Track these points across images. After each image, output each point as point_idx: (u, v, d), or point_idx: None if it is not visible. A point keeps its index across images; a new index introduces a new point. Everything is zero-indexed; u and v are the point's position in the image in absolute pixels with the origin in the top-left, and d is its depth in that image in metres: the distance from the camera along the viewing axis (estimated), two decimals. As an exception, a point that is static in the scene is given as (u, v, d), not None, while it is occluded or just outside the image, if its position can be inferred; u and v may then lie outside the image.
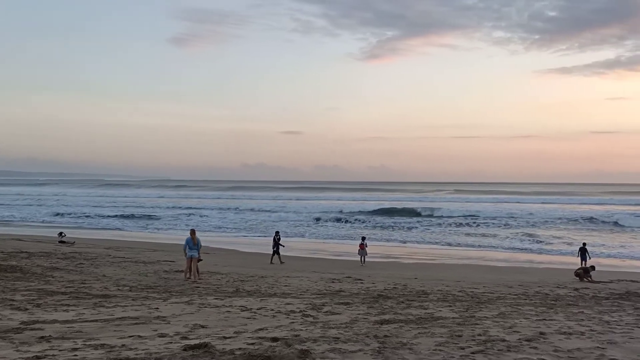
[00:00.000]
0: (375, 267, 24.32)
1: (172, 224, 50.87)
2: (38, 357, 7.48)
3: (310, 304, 13.12)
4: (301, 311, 11.96)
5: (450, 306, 13.20)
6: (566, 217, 51.94)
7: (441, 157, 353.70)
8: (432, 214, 58.04)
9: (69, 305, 11.97)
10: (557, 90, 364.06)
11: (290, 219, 54.24)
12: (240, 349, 8.05)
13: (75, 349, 7.97)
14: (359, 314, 11.83)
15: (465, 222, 50.16)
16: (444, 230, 45.06)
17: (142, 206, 70.30)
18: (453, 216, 54.63)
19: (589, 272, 20.49)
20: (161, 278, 18.58)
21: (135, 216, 57.73)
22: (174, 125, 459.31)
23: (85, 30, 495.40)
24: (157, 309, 11.88)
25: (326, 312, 11.99)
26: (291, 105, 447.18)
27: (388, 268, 24.43)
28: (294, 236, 40.21)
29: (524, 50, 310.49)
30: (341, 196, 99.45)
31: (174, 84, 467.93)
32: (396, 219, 53.59)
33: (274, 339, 8.73)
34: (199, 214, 59.53)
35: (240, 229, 47.30)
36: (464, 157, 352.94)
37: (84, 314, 11.03)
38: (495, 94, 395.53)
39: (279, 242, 25.71)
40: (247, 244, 35.61)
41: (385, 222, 50.40)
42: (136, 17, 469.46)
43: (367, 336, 9.22)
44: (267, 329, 9.79)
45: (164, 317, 10.91)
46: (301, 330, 9.72)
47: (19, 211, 61.96)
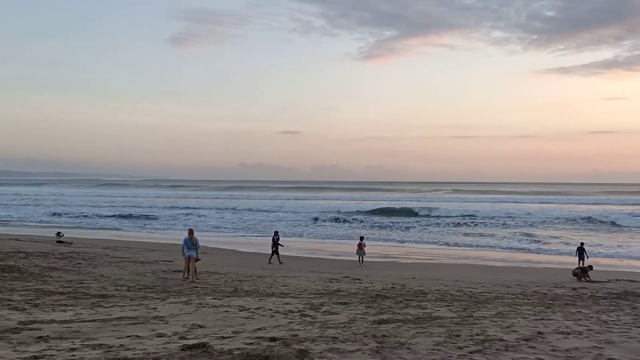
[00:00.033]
0: (373, 267, 24.33)
1: (170, 224, 50.84)
2: (36, 357, 7.48)
3: (309, 303, 13.13)
4: (299, 311, 11.97)
5: (449, 306, 13.22)
6: (564, 217, 52.04)
7: (439, 157, 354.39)
8: (430, 213, 58.12)
9: (66, 305, 11.96)
10: (555, 90, 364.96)
11: (288, 218, 54.24)
12: (238, 348, 8.05)
13: (73, 349, 7.97)
14: (357, 313, 11.84)
15: (464, 221, 50.23)
16: (442, 230, 45.10)
17: (140, 206, 70.23)
18: (451, 216, 54.71)
19: (587, 272, 20.52)
20: (159, 278, 18.56)
21: (133, 216, 57.68)
22: (173, 125, 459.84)
23: (85, 30, 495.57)
24: (155, 308, 11.88)
25: (324, 311, 12.00)
26: (290, 105, 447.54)
27: (386, 268, 24.44)
28: (292, 236, 40.19)
29: (522, 50, 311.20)
30: (339, 196, 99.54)
31: (173, 83, 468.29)
32: (394, 218, 53.62)
33: (272, 339, 8.73)
34: (197, 213, 59.52)
35: (238, 228, 47.29)
36: (462, 157, 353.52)
37: (81, 314, 11.02)
38: (493, 94, 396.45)
39: (278, 242, 25.71)
40: (245, 243, 35.60)
41: (383, 222, 50.42)
42: (136, 17, 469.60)
43: (366, 336, 9.22)
44: (265, 329, 9.79)
45: (162, 317, 10.90)
46: (299, 330, 9.73)
47: (17, 211, 61.84)
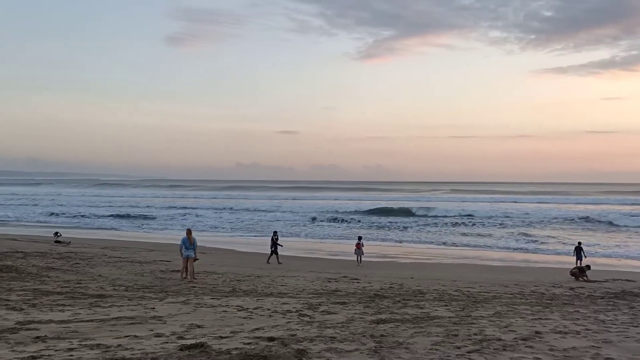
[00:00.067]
0: (371, 267, 24.33)
1: (168, 224, 50.81)
2: (34, 357, 7.47)
3: (307, 303, 13.13)
4: (297, 311, 11.97)
5: (447, 305, 13.23)
6: (562, 217, 52.14)
7: (437, 156, 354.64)
8: (428, 213, 58.19)
9: (64, 305, 11.95)
10: (553, 90, 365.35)
11: (286, 218, 54.22)
12: (236, 348, 8.05)
13: (71, 349, 7.95)
14: (355, 313, 11.84)
15: (461, 221, 50.28)
16: (440, 230, 45.13)
17: (138, 206, 70.19)
18: (449, 216, 54.79)
19: (585, 272, 20.55)
20: (157, 278, 18.54)
21: (131, 216, 57.61)
22: (171, 125, 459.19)
23: (85, 30, 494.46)
24: (154, 308, 11.87)
25: (322, 311, 12.00)
26: (288, 105, 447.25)
27: (384, 267, 24.45)
28: (290, 236, 40.18)
29: (520, 50, 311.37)
30: (337, 196, 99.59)
31: (172, 84, 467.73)
32: (392, 218, 53.64)
33: (271, 339, 8.73)
34: (195, 213, 59.46)
35: (236, 228, 47.26)
36: (460, 156, 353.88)
37: (79, 314, 11.00)
38: (491, 94, 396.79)
39: (277, 242, 25.71)
40: (243, 243, 35.58)
41: (381, 222, 50.43)
42: (136, 17, 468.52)
43: (364, 336, 9.23)
44: (263, 329, 9.79)
45: (160, 317, 10.90)
46: (297, 329, 9.73)
47: (13, 211, 61.67)
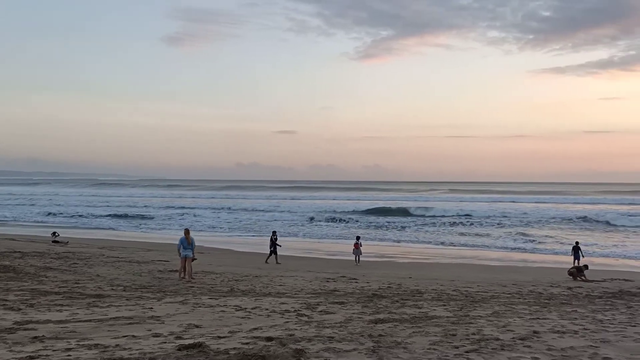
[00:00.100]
0: (369, 267, 24.34)
1: (166, 224, 50.77)
2: (31, 357, 7.45)
3: (305, 303, 13.12)
4: (296, 310, 11.96)
5: (445, 305, 13.24)
6: (560, 217, 52.23)
7: (436, 156, 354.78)
8: (426, 213, 58.24)
9: (62, 305, 11.93)
10: (551, 90, 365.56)
11: (284, 218, 54.23)
12: (234, 348, 8.05)
13: (68, 349, 7.94)
14: (353, 313, 11.84)
15: (459, 221, 50.35)
16: (438, 230, 45.17)
17: (136, 206, 70.11)
18: (447, 215, 54.86)
19: (583, 271, 20.58)
20: (155, 278, 18.52)
21: (129, 216, 57.56)
22: (171, 125, 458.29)
23: (85, 30, 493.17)
24: (151, 308, 11.86)
25: (321, 311, 12.00)
26: (286, 105, 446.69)
27: (382, 267, 24.46)
28: (288, 235, 40.19)
29: (518, 50, 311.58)
30: (336, 196, 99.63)
31: (171, 83, 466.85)
32: (390, 218, 53.69)
33: (269, 339, 8.72)
34: (193, 213, 59.43)
35: (234, 228, 47.25)
36: (458, 156, 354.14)
37: (77, 314, 10.98)
38: (489, 94, 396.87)
39: (276, 242, 25.72)
40: (241, 243, 35.57)
41: (379, 222, 50.47)
42: (136, 17, 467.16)
43: (362, 335, 9.23)
44: (261, 329, 9.78)
45: (158, 316, 10.88)
46: (296, 329, 9.73)
47: (11, 211, 61.55)
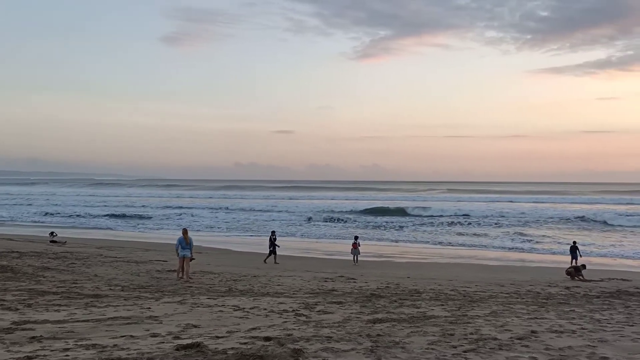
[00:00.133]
0: (367, 266, 24.35)
1: (164, 224, 50.72)
2: (29, 358, 7.43)
3: (303, 303, 13.12)
4: (294, 310, 11.96)
5: (443, 305, 13.25)
6: (557, 217, 52.30)
7: (433, 156, 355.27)
8: (424, 213, 58.24)
9: (60, 305, 11.91)
10: (549, 90, 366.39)
11: (282, 218, 54.22)
12: (232, 348, 8.04)
13: (66, 349, 7.92)
14: (351, 313, 11.85)
15: (457, 221, 50.41)
16: (436, 230, 45.19)
17: (133, 205, 70.01)
18: (445, 215, 54.91)
19: (580, 271, 20.62)
20: (153, 278, 18.51)
21: (127, 215, 57.48)
22: (170, 125, 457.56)
23: (85, 30, 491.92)
24: (150, 308, 11.84)
25: (319, 311, 12.00)
26: (284, 105, 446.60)
27: (381, 267, 24.47)
28: (286, 235, 40.18)
29: (516, 50, 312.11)
30: (333, 195, 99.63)
31: (171, 83, 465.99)
32: (388, 218, 53.72)
33: (267, 339, 8.72)
34: (191, 213, 59.37)
35: (232, 228, 47.21)
36: (456, 156, 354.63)
37: (75, 314, 10.97)
38: (487, 94, 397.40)
39: (274, 242, 25.71)
40: (239, 243, 35.56)
41: (377, 222, 50.48)
42: (136, 17, 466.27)
43: (360, 335, 9.23)
44: (259, 329, 9.78)
45: (156, 316, 10.87)
46: (294, 329, 9.72)
47: (8, 211, 61.39)
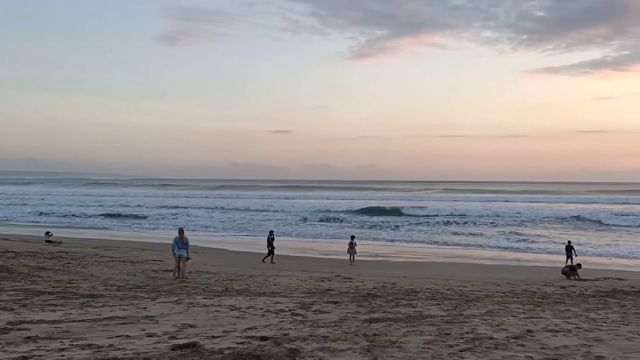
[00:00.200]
0: (364, 266, 24.37)
1: (160, 223, 50.63)
2: (25, 358, 7.41)
3: (300, 302, 13.12)
4: (290, 310, 11.96)
5: (439, 304, 13.27)
6: (553, 216, 52.43)
7: (430, 156, 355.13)
8: (420, 212, 58.29)
9: (56, 305, 11.88)
10: (545, 90, 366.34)
11: (278, 218, 54.19)
12: (229, 348, 8.04)
13: (62, 349, 7.91)
14: (348, 312, 11.85)
15: (453, 220, 50.47)
16: (432, 229, 45.24)
17: (129, 205, 69.82)
18: (441, 215, 54.97)
19: (576, 270, 20.69)
20: (149, 277, 18.48)
21: (122, 215, 57.34)
22: (168, 125, 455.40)
23: (85, 30, 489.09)
24: (146, 308, 11.82)
25: (315, 310, 12.00)
26: (281, 104, 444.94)
27: (377, 267, 24.49)
28: (283, 235, 40.15)
29: (512, 50, 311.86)
30: (330, 195, 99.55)
31: (169, 83, 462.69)
32: (385, 217, 53.77)
33: (263, 338, 8.72)
34: (186, 213, 59.23)
35: (228, 228, 47.16)
36: (452, 156, 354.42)
37: (71, 314, 10.94)
38: (483, 94, 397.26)
39: (272, 242, 25.70)
40: (235, 243, 35.52)
41: (373, 221, 50.48)
42: (136, 17, 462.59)
43: (356, 335, 9.24)
44: (256, 328, 9.78)
45: (152, 316, 10.85)
46: (290, 329, 9.73)
47: (2, 211, 61.05)
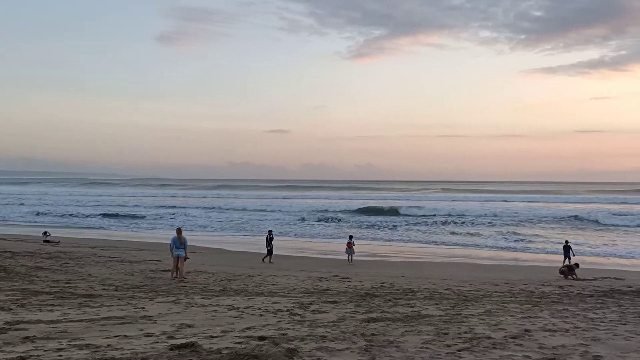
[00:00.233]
0: (362, 266, 24.38)
1: (157, 223, 50.59)
2: (22, 358, 7.40)
3: (298, 302, 13.12)
4: (288, 310, 11.96)
5: (437, 304, 13.28)
6: (551, 216, 52.49)
7: (428, 156, 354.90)
8: (418, 212, 58.32)
9: (53, 305, 11.86)
10: (543, 90, 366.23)
11: (276, 217, 54.19)
12: (227, 348, 8.03)
13: (60, 349, 7.89)
14: (346, 312, 11.85)
15: (451, 220, 50.50)
16: (430, 229, 45.29)
17: (127, 205, 69.72)
18: (439, 215, 55.01)
19: (574, 270, 20.72)
20: (147, 277, 18.46)
21: (120, 215, 57.27)
22: (166, 125, 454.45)
23: (85, 30, 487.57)
24: (144, 308, 11.81)
25: (313, 310, 12.00)
26: (278, 104, 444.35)
27: (375, 266, 24.51)
28: (281, 235, 40.12)
29: (510, 50, 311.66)
30: (328, 195, 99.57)
31: (167, 83, 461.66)
32: (383, 217, 53.80)
33: (261, 338, 8.71)
34: (184, 212, 59.18)
35: (226, 228, 47.16)
36: (450, 156, 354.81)
37: (69, 313, 10.92)
38: (481, 94, 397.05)
39: (271, 242, 25.70)
40: (233, 242, 35.52)
41: (371, 221, 50.51)
42: (136, 17, 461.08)
43: (355, 334, 9.24)
44: (254, 328, 9.77)
45: (150, 316, 10.84)
46: (288, 329, 9.72)
47: (-1, 210, 61.07)
